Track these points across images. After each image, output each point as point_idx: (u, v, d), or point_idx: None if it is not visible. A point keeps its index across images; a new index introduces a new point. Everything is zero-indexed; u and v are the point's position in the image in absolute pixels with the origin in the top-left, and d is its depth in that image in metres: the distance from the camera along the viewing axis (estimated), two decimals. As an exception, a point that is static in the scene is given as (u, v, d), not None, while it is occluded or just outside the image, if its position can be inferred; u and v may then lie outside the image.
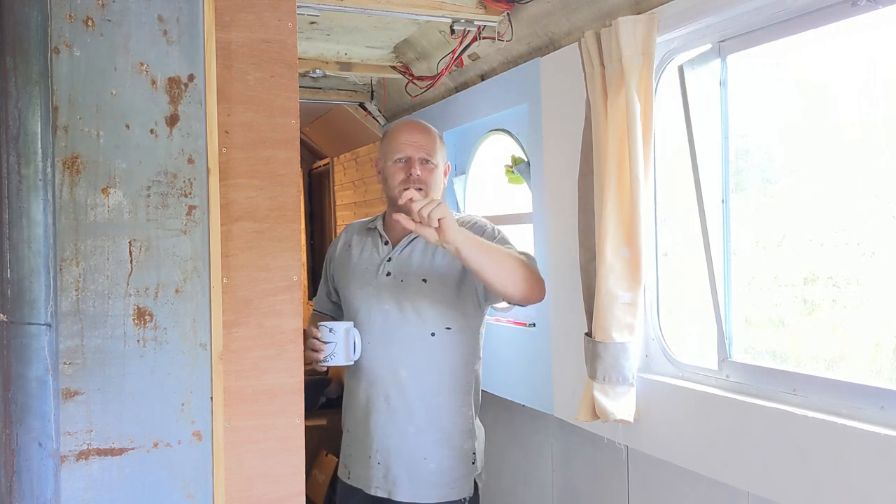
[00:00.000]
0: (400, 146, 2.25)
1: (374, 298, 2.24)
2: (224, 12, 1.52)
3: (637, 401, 2.03)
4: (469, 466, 2.25)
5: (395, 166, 2.25)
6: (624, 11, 2.04)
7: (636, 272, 1.96)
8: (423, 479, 2.20)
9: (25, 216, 1.28)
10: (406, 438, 2.20)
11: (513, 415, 2.85)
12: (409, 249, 2.26)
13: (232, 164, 1.52)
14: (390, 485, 2.21)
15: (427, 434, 2.20)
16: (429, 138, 2.28)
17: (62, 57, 1.34)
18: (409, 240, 2.26)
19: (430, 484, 2.20)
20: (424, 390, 2.20)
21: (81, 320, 1.35)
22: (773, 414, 1.69)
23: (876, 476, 1.48)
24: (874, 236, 1.68)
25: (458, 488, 2.22)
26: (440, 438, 2.21)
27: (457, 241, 1.91)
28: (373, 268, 2.29)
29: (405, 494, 2.20)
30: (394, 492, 2.20)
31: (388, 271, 2.25)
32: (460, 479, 2.23)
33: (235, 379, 1.52)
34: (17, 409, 1.28)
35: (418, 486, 2.20)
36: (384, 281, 2.25)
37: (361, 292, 2.27)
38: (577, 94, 2.17)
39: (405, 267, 2.24)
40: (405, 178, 2.22)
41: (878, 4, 1.55)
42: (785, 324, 1.93)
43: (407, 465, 2.20)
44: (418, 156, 2.23)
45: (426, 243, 2.21)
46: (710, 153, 1.99)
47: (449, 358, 2.23)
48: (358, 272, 2.31)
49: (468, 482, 2.25)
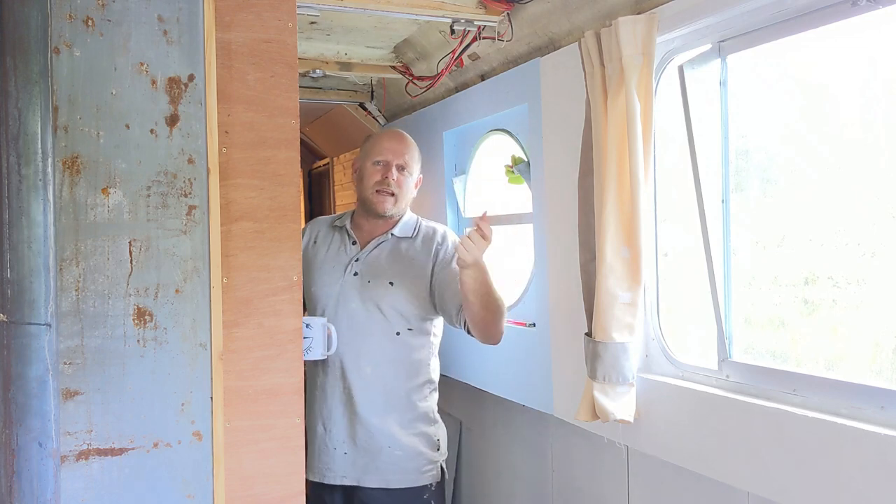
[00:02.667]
0: (382, 150, 2.41)
1: (340, 297, 2.35)
2: (224, 12, 1.52)
3: (637, 401, 2.03)
4: (434, 453, 2.38)
5: (373, 167, 2.40)
6: (624, 11, 2.03)
7: (636, 272, 1.96)
8: (390, 465, 2.31)
9: (25, 216, 1.28)
10: (370, 429, 2.30)
11: (513, 415, 2.85)
12: (377, 252, 2.38)
13: (232, 164, 1.52)
14: (359, 472, 2.31)
15: (391, 424, 2.31)
16: (409, 149, 2.44)
17: (62, 57, 1.34)
18: (378, 242, 2.39)
19: (397, 469, 2.31)
20: (387, 385, 2.33)
21: (81, 320, 1.35)
22: (773, 414, 1.69)
23: (876, 476, 1.48)
24: (874, 236, 1.68)
25: (425, 473, 2.34)
26: (403, 427, 2.32)
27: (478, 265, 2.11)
28: (340, 266, 2.39)
29: (373, 481, 2.30)
30: (362, 479, 2.31)
31: (356, 271, 2.36)
32: (427, 464, 2.35)
33: (235, 379, 1.52)
34: (17, 409, 1.28)
35: (386, 472, 2.31)
36: (350, 280, 2.35)
37: (327, 290, 2.37)
38: (577, 94, 2.16)
39: (373, 268, 2.35)
40: (381, 180, 2.38)
41: (878, 4, 1.55)
42: (785, 324, 1.93)
43: (373, 453, 2.30)
44: (397, 162, 2.40)
45: (393, 247, 2.38)
46: (710, 153, 1.98)
47: (411, 355, 2.36)
48: (325, 270, 2.41)
49: (435, 468, 2.37)
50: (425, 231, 2.45)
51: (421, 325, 2.37)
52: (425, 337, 2.40)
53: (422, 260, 2.37)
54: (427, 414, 2.40)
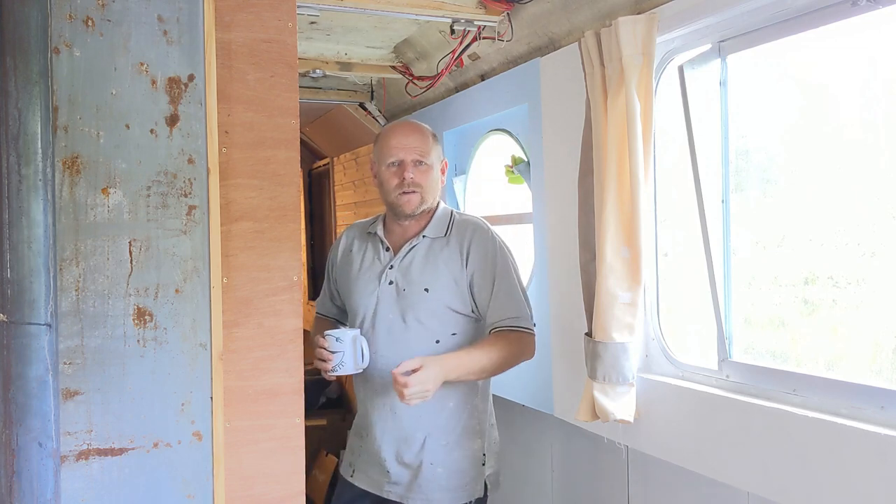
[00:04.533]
0: (392, 150, 2.22)
1: (378, 307, 2.22)
2: (224, 12, 1.52)
3: (637, 401, 2.03)
4: (479, 468, 2.23)
5: (388, 171, 2.23)
6: (624, 11, 2.04)
7: (636, 272, 1.96)
8: (431, 483, 2.18)
9: (25, 216, 1.28)
10: (412, 445, 2.19)
11: (513, 415, 2.85)
12: (410, 256, 2.24)
13: (232, 164, 1.52)
14: (401, 489, 2.20)
15: (435, 439, 2.18)
16: (421, 138, 2.23)
17: (62, 57, 1.34)
18: (410, 247, 2.25)
19: (439, 488, 2.18)
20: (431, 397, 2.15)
21: (81, 320, 1.35)
22: (773, 414, 1.69)
23: (876, 476, 1.48)
24: (874, 236, 1.68)
25: (468, 490, 2.20)
26: (448, 443, 2.19)
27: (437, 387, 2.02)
28: (375, 276, 2.26)
29: (415, 499, 2.18)
30: (405, 496, 2.20)
31: (391, 280, 2.23)
32: (470, 482, 2.21)
33: (235, 379, 1.52)
34: (17, 409, 1.28)
35: (428, 490, 2.18)
36: (386, 290, 2.23)
37: (365, 301, 2.25)
38: (577, 94, 2.16)
39: (407, 275, 2.22)
40: (399, 183, 2.20)
41: (878, 4, 1.55)
42: (785, 324, 1.93)
43: (415, 471, 2.19)
44: (411, 158, 2.20)
45: (426, 250, 2.23)
46: (710, 153, 1.99)
47: None
48: (361, 281, 2.29)
49: (478, 484, 2.22)
50: (458, 228, 2.27)
51: (466, 329, 2.21)
52: (471, 338, 2.21)
53: (455, 263, 2.22)
54: (475, 427, 2.24)
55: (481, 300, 2.18)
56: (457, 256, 2.21)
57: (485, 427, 2.27)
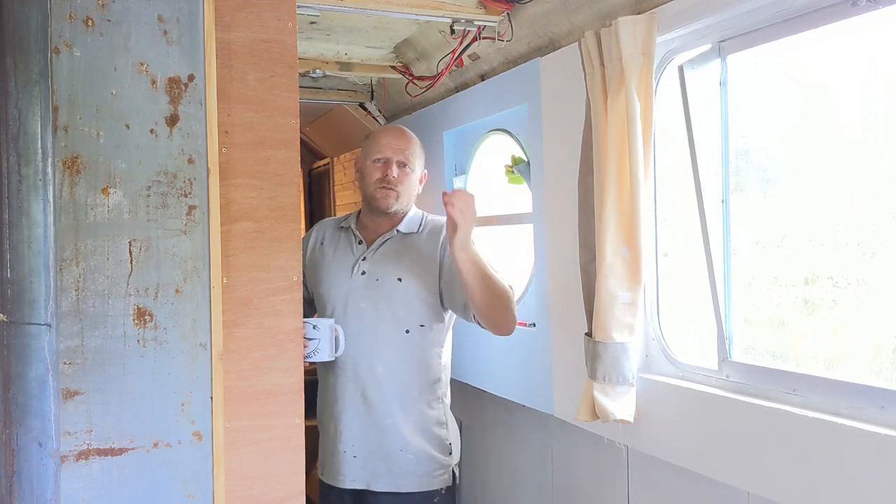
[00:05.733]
0: (381, 147, 2.37)
1: (349, 297, 2.32)
2: (224, 12, 1.52)
3: (637, 401, 2.03)
4: (446, 457, 2.35)
5: (373, 165, 2.37)
6: (624, 11, 2.03)
7: (636, 272, 1.96)
8: (401, 469, 2.28)
9: (25, 216, 1.28)
10: (383, 431, 2.28)
11: (513, 415, 2.84)
12: (383, 249, 2.36)
13: (232, 164, 1.53)
14: (368, 476, 2.29)
15: (404, 426, 2.28)
16: (409, 144, 2.41)
17: (62, 57, 1.34)
18: (383, 240, 2.36)
19: (409, 473, 2.29)
20: (400, 384, 2.30)
21: (81, 320, 1.35)
22: (773, 414, 1.69)
23: (876, 476, 1.48)
24: (874, 236, 1.68)
25: (437, 478, 2.32)
26: (416, 430, 2.30)
27: (465, 244, 2.08)
28: (347, 267, 2.36)
29: (384, 485, 2.28)
30: (372, 482, 2.29)
31: (363, 270, 2.33)
32: (438, 469, 2.32)
33: (235, 379, 1.52)
34: (17, 409, 1.28)
35: (397, 476, 2.28)
36: (359, 280, 2.33)
37: (336, 291, 2.35)
38: (577, 94, 2.16)
39: (379, 266, 2.32)
40: (381, 178, 2.34)
41: (878, 4, 1.55)
42: (785, 324, 1.93)
43: (385, 456, 2.28)
44: (397, 158, 2.36)
45: (399, 243, 2.35)
46: (710, 153, 1.98)
47: (423, 353, 2.33)
48: (332, 271, 2.39)
49: (446, 472, 2.34)
50: (432, 225, 2.42)
51: (432, 322, 2.34)
52: (437, 334, 2.36)
53: (429, 254, 2.34)
54: (439, 417, 2.37)
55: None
56: (431, 249, 2.34)
57: (446, 416, 2.40)
